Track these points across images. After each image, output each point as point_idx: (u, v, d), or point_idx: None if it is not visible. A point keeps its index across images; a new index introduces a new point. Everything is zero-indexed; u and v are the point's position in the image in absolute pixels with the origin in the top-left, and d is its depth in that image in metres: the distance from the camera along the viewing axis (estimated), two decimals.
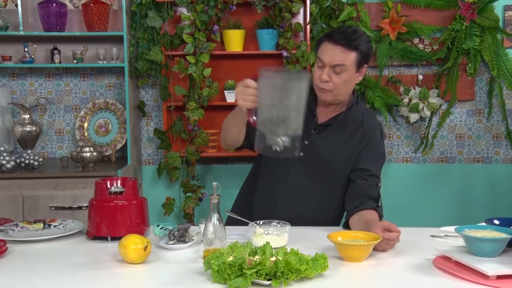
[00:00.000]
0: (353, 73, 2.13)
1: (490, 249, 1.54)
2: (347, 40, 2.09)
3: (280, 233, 1.81)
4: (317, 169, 2.20)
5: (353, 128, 2.21)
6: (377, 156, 2.22)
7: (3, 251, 1.76)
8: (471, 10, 3.47)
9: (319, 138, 2.20)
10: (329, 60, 2.10)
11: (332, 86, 2.12)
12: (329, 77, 2.11)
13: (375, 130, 2.24)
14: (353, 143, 2.20)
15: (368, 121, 2.24)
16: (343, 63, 2.09)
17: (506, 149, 3.73)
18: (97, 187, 1.96)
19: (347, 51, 2.09)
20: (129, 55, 3.45)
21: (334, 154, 2.19)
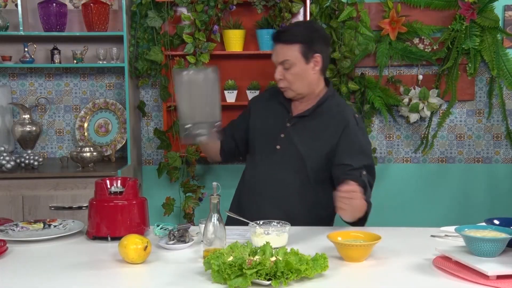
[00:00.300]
0: (302, 65, 2.17)
1: (490, 249, 1.54)
2: (283, 35, 2.19)
3: (280, 233, 1.81)
4: (294, 160, 2.22)
5: (327, 119, 2.23)
6: (357, 147, 2.20)
7: (3, 251, 1.76)
8: (471, 10, 3.47)
9: (294, 130, 2.24)
10: (275, 59, 2.20)
11: (287, 83, 2.20)
12: (281, 75, 2.19)
13: (349, 120, 2.22)
14: (327, 134, 2.21)
15: (340, 113, 2.24)
16: (287, 58, 2.16)
17: (506, 149, 3.73)
18: (97, 187, 1.96)
19: (287, 46, 2.17)
20: (129, 55, 3.45)
21: (308, 145, 2.21)
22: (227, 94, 3.53)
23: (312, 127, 2.23)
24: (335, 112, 2.24)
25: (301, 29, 2.24)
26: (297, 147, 2.22)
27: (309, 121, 2.24)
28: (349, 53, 3.44)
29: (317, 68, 2.21)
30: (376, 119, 3.73)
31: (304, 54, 2.17)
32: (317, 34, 2.23)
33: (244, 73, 3.62)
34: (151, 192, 3.71)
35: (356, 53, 3.47)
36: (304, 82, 2.20)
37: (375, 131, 3.74)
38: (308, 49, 2.17)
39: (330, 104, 2.25)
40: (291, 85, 2.21)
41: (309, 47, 2.17)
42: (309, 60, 2.18)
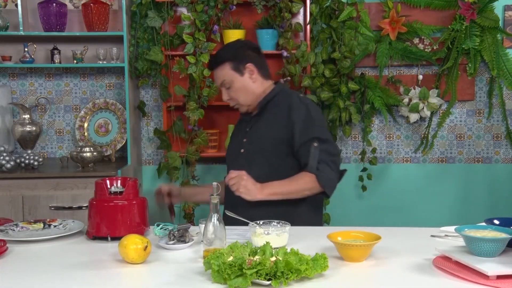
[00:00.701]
0: (239, 78, 2.31)
1: (490, 249, 1.54)
2: (213, 61, 2.37)
3: (280, 233, 1.81)
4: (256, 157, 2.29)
5: (275, 110, 2.32)
6: (303, 121, 2.26)
7: (3, 251, 1.76)
8: (471, 10, 3.47)
9: (251, 131, 2.36)
10: (216, 84, 2.39)
11: (234, 100, 2.36)
12: (227, 96, 2.35)
13: (292, 101, 2.31)
14: (276, 122, 2.30)
15: (285, 100, 2.33)
16: (223, 79, 2.32)
17: (506, 149, 3.73)
18: (97, 187, 1.96)
19: (218, 68, 2.33)
20: (129, 55, 3.45)
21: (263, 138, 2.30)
22: None
23: (264, 121, 2.33)
24: (282, 100, 2.34)
25: (225, 48, 2.40)
26: (254, 143, 2.32)
27: (263, 118, 2.34)
28: (349, 53, 3.44)
29: (254, 76, 2.33)
30: (376, 119, 3.73)
31: (236, 68, 2.30)
32: (240, 46, 2.40)
33: None
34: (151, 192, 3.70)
35: (356, 53, 3.48)
36: (248, 93, 2.33)
37: (375, 131, 3.75)
38: (238, 63, 2.30)
39: (279, 99, 2.35)
40: (239, 100, 2.34)
41: (237, 60, 2.30)
42: (242, 72, 2.31)
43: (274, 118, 2.30)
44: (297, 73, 3.45)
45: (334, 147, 2.32)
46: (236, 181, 2.07)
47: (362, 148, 3.72)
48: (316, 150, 2.20)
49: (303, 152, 2.22)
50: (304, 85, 3.47)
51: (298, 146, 2.23)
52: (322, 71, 3.46)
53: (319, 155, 2.20)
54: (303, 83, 3.46)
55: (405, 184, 3.77)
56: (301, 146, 2.23)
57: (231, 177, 2.08)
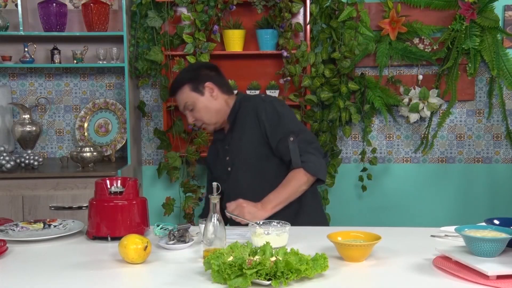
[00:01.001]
0: (200, 98, 2.34)
1: (490, 249, 1.54)
2: (172, 87, 2.40)
3: (280, 233, 1.81)
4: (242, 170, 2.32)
5: (244, 119, 2.34)
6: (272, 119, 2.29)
7: (3, 251, 1.76)
8: (471, 10, 3.47)
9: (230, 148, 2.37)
10: (180, 108, 2.41)
11: (200, 121, 2.38)
12: (192, 117, 2.38)
13: (258, 104, 2.33)
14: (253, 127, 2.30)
15: (251, 105, 2.35)
16: (185, 101, 2.35)
17: (506, 149, 3.73)
18: (97, 187, 1.96)
19: (179, 92, 2.36)
20: (129, 55, 3.45)
21: (244, 147, 2.31)
22: None
23: (238, 134, 2.35)
24: (249, 109, 2.35)
25: (181, 73, 2.44)
26: (237, 158, 2.34)
27: (234, 131, 2.37)
28: (349, 53, 3.44)
29: (214, 94, 2.35)
30: (376, 119, 3.73)
31: (195, 89, 2.33)
32: (196, 67, 2.47)
33: (244, 73, 3.62)
34: (151, 192, 3.71)
35: (356, 53, 3.48)
36: (211, 111, 2.35)
37: (375, 131, 3.75)
38: (196, 83, 2.34)
39: (245, 107, 2.36)
40: (204, 120, 2.36)
41: (195, 81, 2.34)
42: (202, 92, 2.34)
43: (246, 126, 2.33)
44: (297, 73, 3.45)
45: (309, 134, 2.35)
46: (239, 212, 2.08)
47: (362, 148, 3.72)
48: (294, 144, 2.24)
49: (282, 149, 2.26)
50: (304, 85, 3.47)
51: (275, 145, 2.27)
52: (322, 71, 3.46)
53: (299, 147, 2.24)
54: (303, 83, 3.46)
55: (405, 184, 3.77)
56: (278, 144, 2.26)
57: (232, 210, 2.09)
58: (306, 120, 3.51)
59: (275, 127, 2.27)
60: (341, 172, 3.68)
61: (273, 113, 2.29)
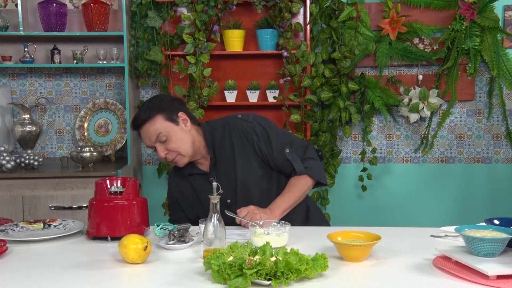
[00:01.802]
0: (175, 128, 2.17)
1: (490, 249, 1.54)
2: (143, 115, 2.17)
3: (280, 233, 1.81)
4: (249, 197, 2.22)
5: (229, 145, 2.24)
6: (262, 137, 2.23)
7: (3, 251, 1.76)
8: (471, 10, 3.47)
9: (222, 178, 2.21)
10: (150, 141, 2.18)
11: (174, 153, 2.18)
12: (165, 150, 2.17)
13: (240, 128, 2.24)
14: (244, 151, 2.23)
15: (230, 132, 2.25)
16: (159, 132, 2.15)
17: (506, 149, 3.73)
18: (97, 187, 1.96)
19: (150, 122, 2.15)
20: (129, 55, 3.45)
21: (241, 173, 2.22)
22: (227, 94, 3.53)
23: (229, 162, 2.24)
24: (226, 135, 2.25)
25: (151, 104, 2.21)
26: (241, 185, 2.23)
27: (222, 162, 2.24)
28: (349, 53, 3.44)
29: (188, 124, 2.21)
30: (376, 119, 3.73)
31: (170, 118, 2.17)
32: (165, 97, 2.26)
33: (244, 73, 3.62)
34: (151, 192, 3.71)
35: (356, 53, 3.48)
36: (187, 142, 2.19)
37: (375, 131, 3.75)
38: (170, 113, 2.17)
39: (218, 134, 2.26)
40: (179, 151, 2.18)
41: (168, 111, 2.17)
42: (177, 121, 2.18)
43: (236, 153, 2.23)
44: (297, 73, 3.45)
45: (299, 140, 2.34)
46: (250, 218, 2.00)
47: (362, 148, 3.72)
48: (292, 154, 2.22)
49: (281, 163, 2.23)
50: (304, 85, 3.47)
51: (273, 161, 2.23)
52: (322, 71, 3.46)
53: (297, 155, 2.23)
54: (303, 83, 3.46)
55: (405, 184, 3.77)
56: (276, 159, 2.23)
57: (244, 216, 2.02)
58: (306, 120, 3.51)
59: (269, 145, 2.23)
60: (341, 172, 3.68)
61: (262, 131, 2.24)
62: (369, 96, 3.57)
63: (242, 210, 2.04)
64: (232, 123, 2.27)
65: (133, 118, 2.22)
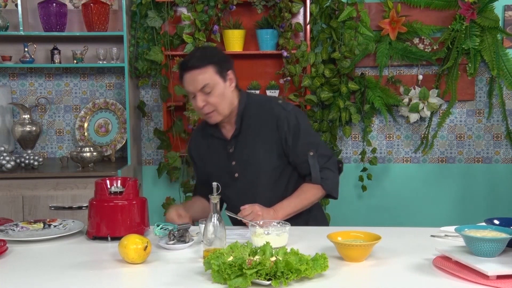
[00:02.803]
0: (222, 84, 2.14)
1: (490, 249, 1.54)
2: (197, 61, 2.11)
3: (280, 233, 1.81)
4: (255, 177, 2.21)
5: (259, 123, 2.22)
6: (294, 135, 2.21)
7: (3, 251, 1.76)
8: (471, 10, 3.47)
9: (239, 151, 2.22)
10: (194, 88, 2.12)
11: (212, 106, 2.14)
12: (204, 101, 2.13)
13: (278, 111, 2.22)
14: (269, 135, 2.21)
15: (267, 109, 2.23)
16: (207, 83, 2.11)
17: (506, 149, 3.73)
18: (97, 187, 1.96)
19: (202, 70, 2.10)
20: (129, 55, 3.45)
21: (259, 155, 2.21)
22: None
23: (251, 138, 2.22)
24: (262, 113, 2.24)
25: (207, 52, 2.20)
26: (252, 164, 2.21)
27: (245, 135, 2.23)
28: (349, 53, 3.44)
29: (233, 85, 2.19)
30: (376, 119, 3.73)
31: (220, 73, 2.13)
32: (221, 51, 2.24)
33: (244, 73, 3.62)
34: (151, 192, 3.71)
35: (356, 53, 3.48)
36: (227, 101, 2.17)
37: (375, 131, 3.75)
38: (221, 68, 2.14)
39: (252, 108, 2.25)
40: (217, 108, 2.15)
41: (221, 65, 2.14)
42: (225, 78, 2.15)
43: (262, 134, 2.21)
44: (297, 73, 3.45)
45: (326, 148, 2.31)
46: (252, 218, 1.99)
47: (362, 148, 3.72)
48: (314, 158, 2.20)
49: (301, 163, 2.22)
50: (304, 85, 3.47)
51: (293, 158, 2.22)
52: (322, 71, 3.47)
53: (318, 162, 2.21)
54: (303, 83, 3.46)
55: (405, 184, 3.77)
56: (298, 157, 2.21)
57: (246, 215, 2.00)
58: None
59: (296, 140, 2.20)
60: None
61: (295, 125, 2.22)
62: (369, 96, 3.57)
63: (246, 209, 2.02)
64: (270, 105, 2.26)
65: (183, 61, 2.15)
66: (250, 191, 2.21)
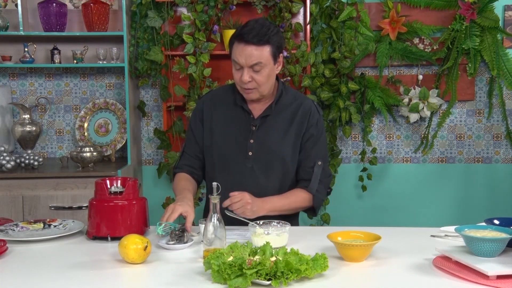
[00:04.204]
0: (271, 66, 2.11)
1: (490, 249, 1.54)
2: (258, 37, 2.06)
3: (280, 233, 1.81)
4: (269, 162, 2.19)
5: (290, 113, 2.21)
6: (317, 139, 2.22)
7: (3, 251, 1.76)
8: (471, 10, 3.47)
9: (262, 132, 2.19)
10: (245, 61, 2.07)
11: (256, 84, 2.10)
12: (250, 77, 2.09)
13: (312, 109, 2.23)
14: (295, 127, 2.20)
15: (301, 104, 2.23)
16: (260, 61, 2.06)
17: (506, 149, 3.73)
18: (97, 187, 1.96)
19: (260, 48, 2.06)
20: (129, 55, 3.45)
21: (279, 142, 2.19)
22: None
23: (278, 124, 2.21)
24: (295, 104, 2.23)
25: (272, 29, 2.11)
26: (270, 148, 2.19)
27: (272, 119, 2.20)
28: (349, 53, 3.44)
29: (279, 68, 2.17)
30: (376, 119, 3.73)
31: (274, 55, 2.10)
32: (279, 33, 2.17)
33: None
34: (151, 192, 3.71)
35: (356, 53, 3.48)
36: (270, 83, 2.15)
37: (375, 131, 3.75)
38: (277, 50, 2.11)
39: (286, 97, 2.24)
40: (260, 87, 2.12)
41: (277, 48, 2.11)
42: (276, 61, 2.13)
43: (289, 124, 2.20)
44: (297, 73, 3.45)
45: (329, 167, 2.32)
46: (241, 206, 1.98)
47: (362, 148, 3.72)
48: (319, 169, 2.20)
49: (306, 168, 2.20)
50: (304, 85, 3.47)
51: (303, 159, 2.21)
52: (322, 71, 3.47)
53: (320, 175, 2.20)
54: (303, 83, 3.46)
55: (405, 184, 3.77)
56: (306, 160, 2.20)
57: (235, 202, 1.98)
58: None
59: (315, 143, 2.20)
60: (341, 172, 3.68)
61: (321, 130, 2.22)
62: (369, 96, 3.57)
63: (236, 196, 1.99)
64: (306, 101, 2.25)
65: (242, 32, 2.08)
66: (260, 174, 2.18)
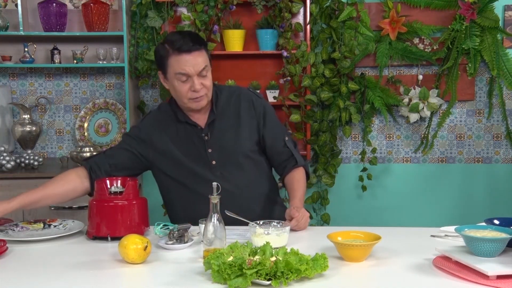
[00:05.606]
0: (210, 69, 2.14)
1: (490, 249, 1.54)
2: (195, 43, 2.07)
3: (280, 233, 1.81)
4: (235, 162, 2.20)
5: (233, 109, 2.23)
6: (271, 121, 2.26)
7: (3, 251, 1.76)
8: (471, 10, 3.47)
9: (214, 138, 2.19)
10: (193, 69, 2.06)
11: (206, 90, 2.11)
12: (201, 84, 2.09)
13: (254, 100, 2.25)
14: (244, 119, 2.22)
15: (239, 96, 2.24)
16: (206, 64, 2.09)
17: (506, 149, 3.73)
18: (97, 187, 1.96)
19: (201, 52, 2.08)
20: (129, 55, 3.45)
21: (235, 139, 2.20)
22: None
23: (226, 124, 2.20)
24: (233, 99, 2.24)
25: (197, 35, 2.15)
26: (230, 149, 2.19)
27: (220, 122, 2.20)
28: (349, 53, 3.44)
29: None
30: (376, 119, 3.73)
31: (209, 57, 2.13)
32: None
33: (244, 73, 3.62)
34: (151, 192, 3.70)
35: (356, 53, 3.48)
36: (212, 86, 2.16)
37: (375, 131, 3.75)
38: (207, 52, 2.13)
39: (223, 96, 2.24)
40: (209, 91, 2.13)
41: (207, 50, 2.13)
42: (211, 63, 2.15)
43: (238, 119, 2.21)
44: (297, 73, 3.45)
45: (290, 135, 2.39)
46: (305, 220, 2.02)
47: (362, 148, 3.72)
48: (290, 142, 2.27)
49: (280, 149, 2.25)
50: (304, 85, 3.47)
51: (270, 143, 2.24)
52: (322, 71, 3.47)
53: (293, 145, 2.28)
54: (303, 83, 3.46)
55: (405, 184, 3.77)
56: (275, 142, 2.25)
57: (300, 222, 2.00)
58: (306, 120, 3.51)
59: (272, 124, 2.25)
60: (341, 172, 3.68)
61: (272, 112, 2.28)
62: (369, 96, 3.57)
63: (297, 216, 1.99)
64: (243, 92, 2.28)
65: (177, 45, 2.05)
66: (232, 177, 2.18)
